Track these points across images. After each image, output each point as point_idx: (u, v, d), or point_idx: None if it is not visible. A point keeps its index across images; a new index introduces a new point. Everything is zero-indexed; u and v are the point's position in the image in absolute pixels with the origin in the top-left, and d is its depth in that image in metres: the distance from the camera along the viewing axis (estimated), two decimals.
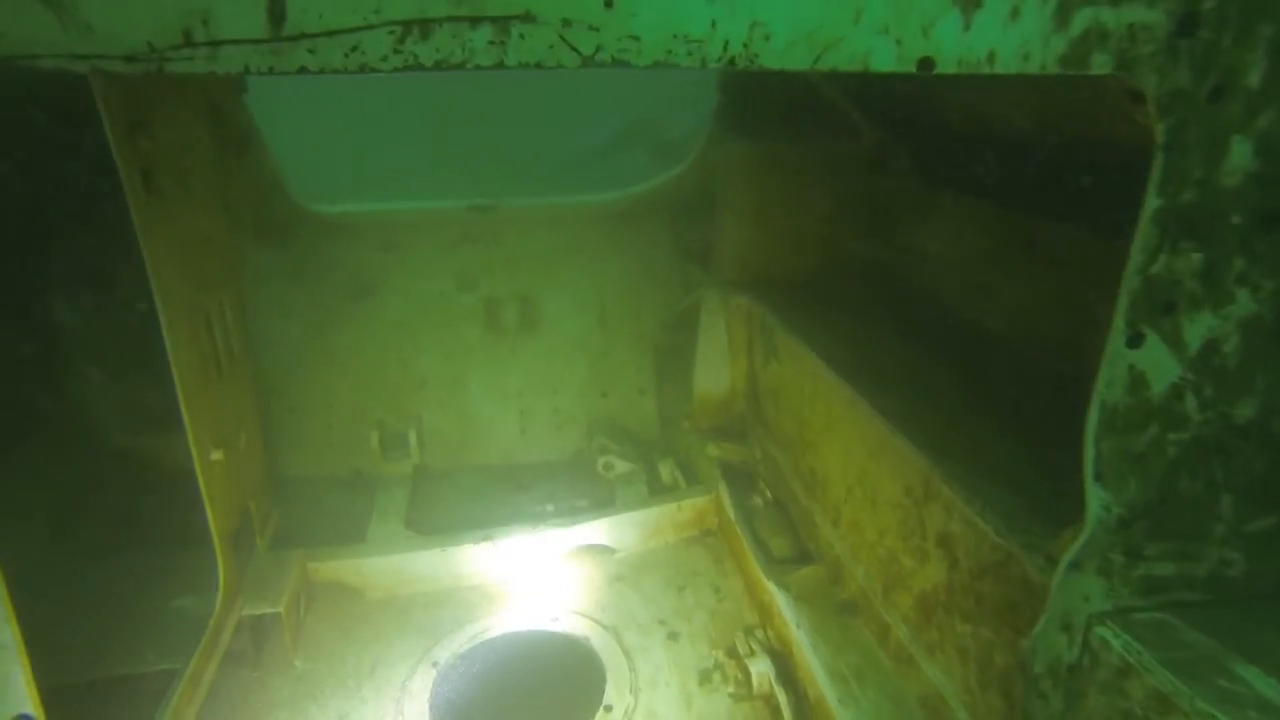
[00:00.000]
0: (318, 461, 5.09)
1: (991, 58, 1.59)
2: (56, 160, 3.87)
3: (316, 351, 5.16)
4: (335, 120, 18.23)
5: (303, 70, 1.52)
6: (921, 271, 3.96)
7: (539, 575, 4.03)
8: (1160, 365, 1.74)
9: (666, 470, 4.61)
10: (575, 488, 4.87)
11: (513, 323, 5.39)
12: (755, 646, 3.37)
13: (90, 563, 3.87)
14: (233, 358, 3.63)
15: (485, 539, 3.98)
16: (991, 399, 2.99)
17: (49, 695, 1.97)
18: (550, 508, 4.60)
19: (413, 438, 4.82)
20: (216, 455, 3.21)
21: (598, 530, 4.10)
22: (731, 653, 3.43)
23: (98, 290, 4.37)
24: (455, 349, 5.33)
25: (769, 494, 4.17)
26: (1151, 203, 1.63)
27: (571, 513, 4.56)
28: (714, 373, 4.72)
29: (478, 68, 1.55)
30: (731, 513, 4.00)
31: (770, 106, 4.35)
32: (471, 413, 5.31)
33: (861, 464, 3.20)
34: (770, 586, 3.47)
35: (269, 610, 3.44)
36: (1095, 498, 1.80)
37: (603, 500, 4.65)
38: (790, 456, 3.97)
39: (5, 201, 4.04)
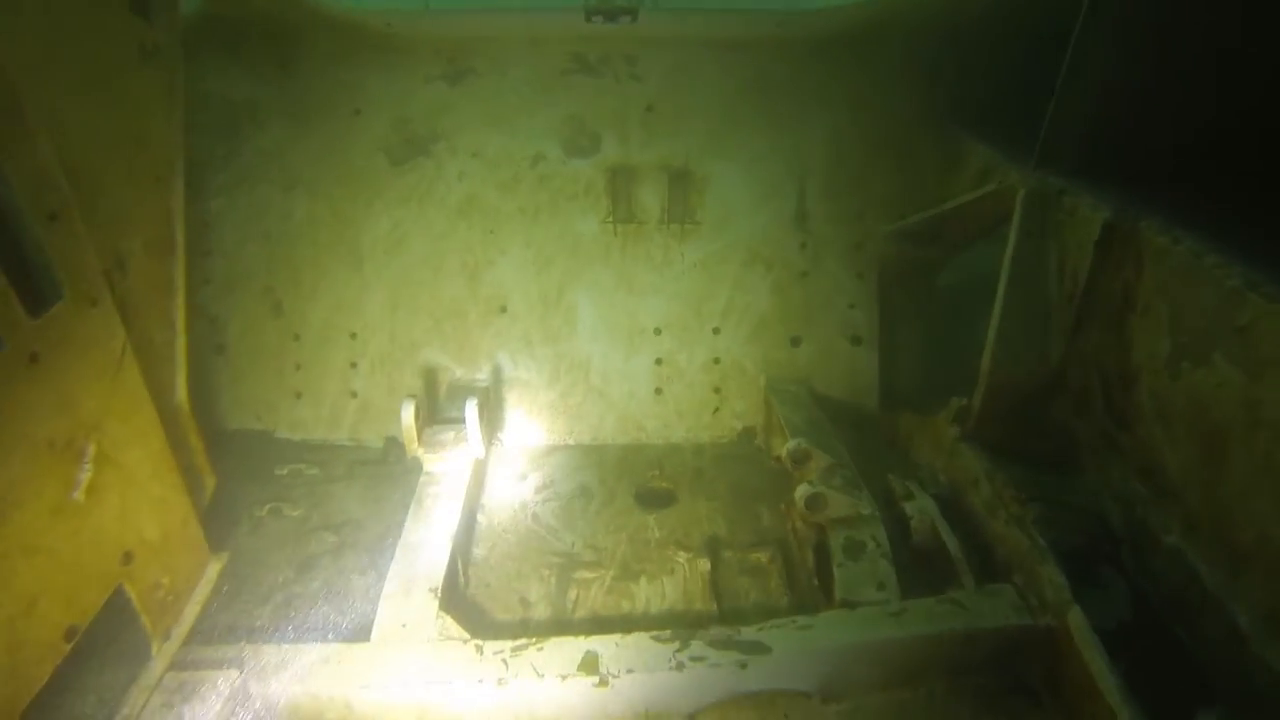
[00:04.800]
0: (334, 422, 3.25)
1: None
2: None
3: (336, 245, 3.23)
4: None
5: None
6: None
7: None
8: None
9: (921, 523, 2.49)
10: (747, 518, 2.85)
11: (653, 213, 3.29)
12: None
13: None
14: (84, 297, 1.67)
15: (588, 671, 2.02)
16: None
17: None
18: (706, 566, 2.60)
19: (472, 412, 2.82)
20: None
21: (796, 663, 2.08)
22: None
23: None
24: (557, 252, 3.31)
25: (1164, 619, 2.04)
26: None
27: (746, 580, 2.56)
28: (1023, 343, 2.50)
29: None
30: (1101, 674, 1.87)
31: None
32: (577, 358, 3.32)
33: None
34: None
35: None
36: None
37: (798, 567, 2.62)
38: (1247, 586, 1.79)
39: None
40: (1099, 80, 2.36)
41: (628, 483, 3.05)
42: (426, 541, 2.49)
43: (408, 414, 2.79)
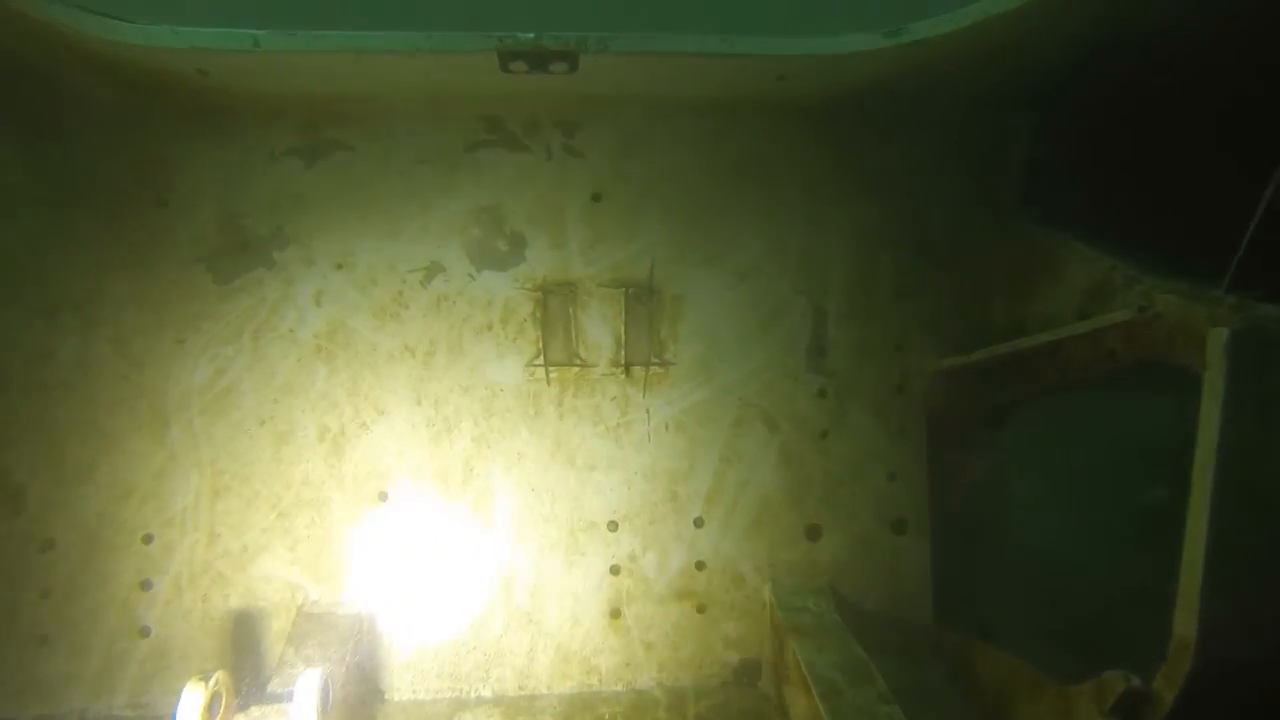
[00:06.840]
0: (104, 681, 2.17)
1: None
2: None
3: (127, 400, 2.23)
4: None
5: None
6: None
7: None
8: None
9: None
10: None
11: (603, 351, 2.29)
12: None
13: None
14: None
15: None
16: None
17: None
18: None
19: (306, 701, 1.71)
20: None
21: None
22: None
23: None
24: (461, 411, 2.31)
25: None
26: None
27: None
28: (1254, 588, 1.52)
29: None
30: None
31: None
32: (495, 566, 2.29)
33: None
34: None
35: None
36: None
37: None
38: None
39: None
40: None
41: None
42: None
43: (190, 709, 1.65)
